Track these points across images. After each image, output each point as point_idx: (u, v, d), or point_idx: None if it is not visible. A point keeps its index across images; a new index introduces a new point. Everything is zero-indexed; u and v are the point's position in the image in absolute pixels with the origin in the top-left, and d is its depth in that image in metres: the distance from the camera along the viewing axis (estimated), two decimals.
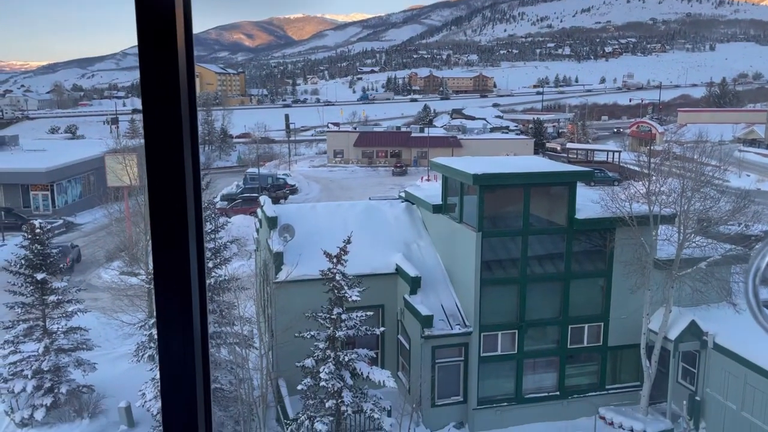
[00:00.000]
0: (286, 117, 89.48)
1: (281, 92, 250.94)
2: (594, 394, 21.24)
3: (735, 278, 20.23)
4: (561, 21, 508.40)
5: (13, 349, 19.99)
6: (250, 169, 62.94)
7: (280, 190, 56.33)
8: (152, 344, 19.55)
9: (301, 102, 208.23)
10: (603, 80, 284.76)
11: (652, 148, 64.71)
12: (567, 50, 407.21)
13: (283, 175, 64.24)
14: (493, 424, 19.83)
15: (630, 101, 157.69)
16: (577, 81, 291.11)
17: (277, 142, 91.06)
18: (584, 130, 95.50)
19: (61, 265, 28.71)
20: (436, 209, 22.06)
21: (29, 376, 19.47)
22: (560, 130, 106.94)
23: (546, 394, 20.90)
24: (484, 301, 19.68)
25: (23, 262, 20.13)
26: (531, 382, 20.90)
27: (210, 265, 19.33)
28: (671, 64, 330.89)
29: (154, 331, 19.50)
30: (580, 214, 20.04)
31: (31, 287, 20.05)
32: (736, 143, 75.85)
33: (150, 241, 25.91)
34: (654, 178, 21.96)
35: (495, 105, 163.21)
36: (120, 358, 23.03)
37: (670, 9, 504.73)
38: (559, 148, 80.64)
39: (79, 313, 21.02)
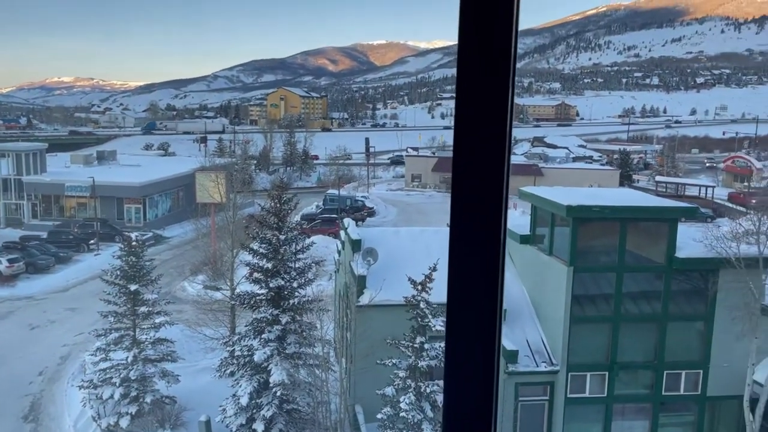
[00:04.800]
0: (367, 140, 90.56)
1: (361, 116, 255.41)
2: None
3: None
4: (649, 50, 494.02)
5: (104, 356, 20.75)
6: (330, 191, 63.87)
7: (359, 212, 56.73)
8: (234, 360, 19.76)
9: (380, 126, 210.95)
10: (694, 112, 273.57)
11: (750, 184, 61.15)
12: (655, 80, 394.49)
13: (362, 197, 64.77)
14: None
15: (723, 134, 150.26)
16: (665, 112, 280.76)
17: (355, 164, 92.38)
18: (674, 162, 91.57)
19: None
20: (524, 240, 21.37)
21: (117, 384, 20.10)
22: (647, 162, 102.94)
23: None
24: (573, 339, 18.74)
25: (118, 272, 20.94)
26: (620, 428, 19.63)
27: (294, 284, 19.44)
28: None
29: (237, 348, 19.74)
30: (681, 253, 18.85)
31: (124, 297, 20.80)
32: None
33: (234, 258, 26.37)
34: (759, 216, 20.45)
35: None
36: (202, 371, 23.45)
37: None
38: (645, 181, 77.58)
39: (166, 324, 21.61)
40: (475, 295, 1.04)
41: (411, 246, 22.27)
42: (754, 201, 21.56)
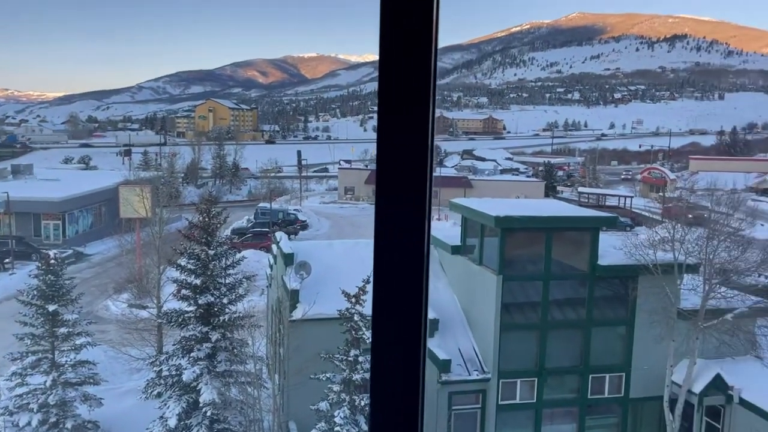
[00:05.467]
0: (299, 153, 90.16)
1: (293, 129, 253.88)
2: None
3: (762, 331, 19.67)
4: (570, 67, 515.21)
5: (20, 381, 19.59)
6: (261, 204, 63.00)
7: (291, 226, 56.16)
8: (162, 381, 19.08)
9: (312, 139, 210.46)
10: (612, 126, 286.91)
11: (665, 194, 64.60)
12: (576, 95, 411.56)
13: (294, 210, 64.22)
14: None
15: (640, 147, 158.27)
16: (586, 126, 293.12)
17: (287, 177, 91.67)
18: (595, 174, 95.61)
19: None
20: (455, 250, 21.72)
21: (35, 410, 19.00)
22: (570, 174, 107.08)
23: None
24: (504, 347, 19.16)
25: (35, 292, 19.87)
26: None
27: (225, 300, 19.00)
28: (680, 111, 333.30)
29: (164, 368, 19.08)
30: (603, 261, 19.66)
31: (42, 318, 19.74)
32: (748, 192, 75.46)
33: (161, 274, 25.56)
34: (674, 225, 21.62)
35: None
36: (127, 393, 22.51)
37: (679, 58, 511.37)
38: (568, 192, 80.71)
39: (88, 346, 20.64)
40: (400, 306, 1.05)
41: (345, 259, 22.21)
42: (690, 216, 22.71)
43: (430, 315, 19.41)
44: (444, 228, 39.83)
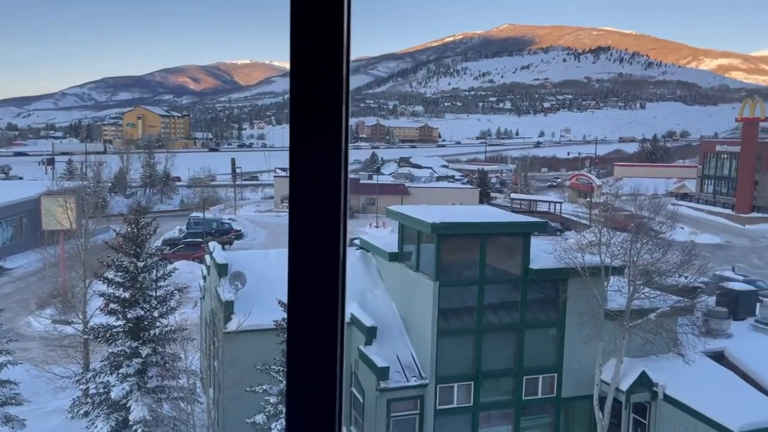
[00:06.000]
0: (233, 161, 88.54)
1: (227, 136, 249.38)
2: None
3: (683, 329, 20.67)
4: (502, 77, 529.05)
5: None
6: (194, 213, 61.48)
7: (225, 235, 55.04)
8: (89, 399, 18.27)
9: (247, 146, 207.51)
10: (542, 134, 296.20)
11: (592, 199, 67.13)
12: (508, 104, 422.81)
13: (229, 219, 63.00)
14: None
15: (568, 154, 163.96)
16: (517, 134, 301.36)
17: (221, 185, 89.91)
18: (526, 181, 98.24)
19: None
20: (392, 257, 21.84)
21: None
22: (503, 181, 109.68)
23: None
24: (441, 352, 19.37)
25: None
26: None
27: (155, 314, 18.42)
28: (605, 120, 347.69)
29: (91, 385, 18.31)
30: (534, 264, 20.20)
31: None
32: (668, 197, 79.45)
33: (86, 288, 24.56)
34: (600, 229, 22.45)
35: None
36: (51, 413, 21.43)
37: (603, 69, 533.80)
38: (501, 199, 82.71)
39: (8, 365, 19.58)
40: (315, 314, 1.04)
41: (281, 268, 21.60)
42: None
43: (368, 323, 19.44)
44: (382, 235, 40.05)
